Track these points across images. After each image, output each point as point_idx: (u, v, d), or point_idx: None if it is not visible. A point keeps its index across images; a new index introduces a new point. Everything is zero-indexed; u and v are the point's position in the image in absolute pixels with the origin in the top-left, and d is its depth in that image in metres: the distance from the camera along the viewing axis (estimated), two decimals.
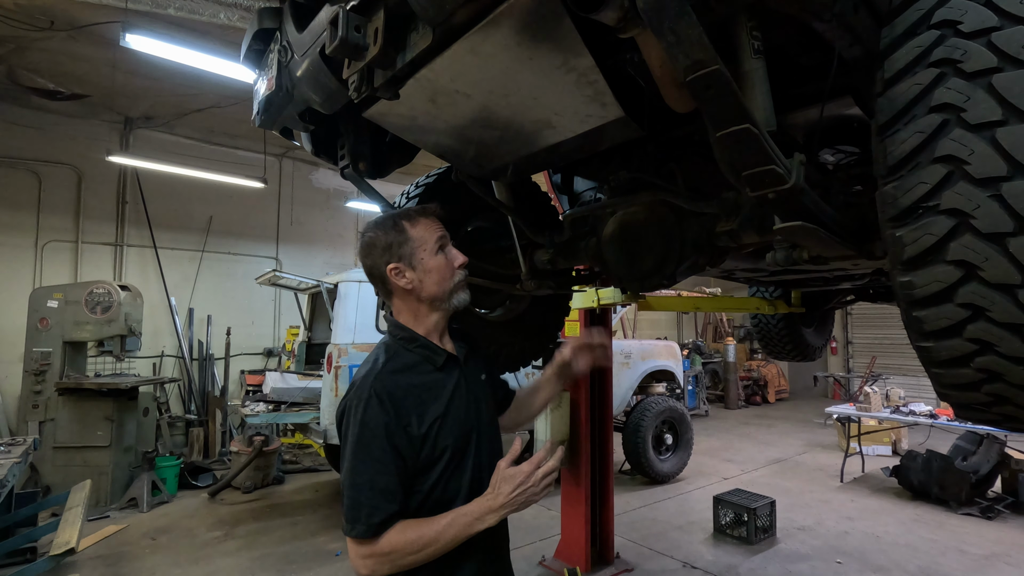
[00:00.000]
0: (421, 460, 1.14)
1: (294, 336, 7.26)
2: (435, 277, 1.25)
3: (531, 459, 1.18)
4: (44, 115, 6.58)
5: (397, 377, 1.18)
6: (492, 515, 1.12)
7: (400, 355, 1.23)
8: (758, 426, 9.55)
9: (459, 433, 1.19)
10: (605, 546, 4.07)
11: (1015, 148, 0.75)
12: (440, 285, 1.25)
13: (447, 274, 1.26)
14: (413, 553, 1.07)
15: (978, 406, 0.89)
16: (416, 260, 1.24)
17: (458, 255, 1.30)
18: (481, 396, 1.32)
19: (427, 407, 1.17)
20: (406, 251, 1.24)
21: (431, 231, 1.27)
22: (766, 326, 3.94)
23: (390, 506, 1.09)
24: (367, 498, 1.08)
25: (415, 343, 1.25)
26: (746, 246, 1.60)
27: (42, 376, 5.37)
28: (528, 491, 1.14)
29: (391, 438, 1.11)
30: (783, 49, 1.15)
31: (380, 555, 1.07)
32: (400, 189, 2.20)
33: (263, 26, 1.50)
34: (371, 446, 1.10)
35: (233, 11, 3.79)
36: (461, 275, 1.29)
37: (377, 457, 1.10)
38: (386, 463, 1.10)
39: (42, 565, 3.09)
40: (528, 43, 0.94)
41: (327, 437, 4.54)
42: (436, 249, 1.26)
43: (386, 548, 1.07)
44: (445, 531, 1.09)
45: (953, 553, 4.27)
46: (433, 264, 1.24)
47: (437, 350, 1.26)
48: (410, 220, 1.26)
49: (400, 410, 1.13)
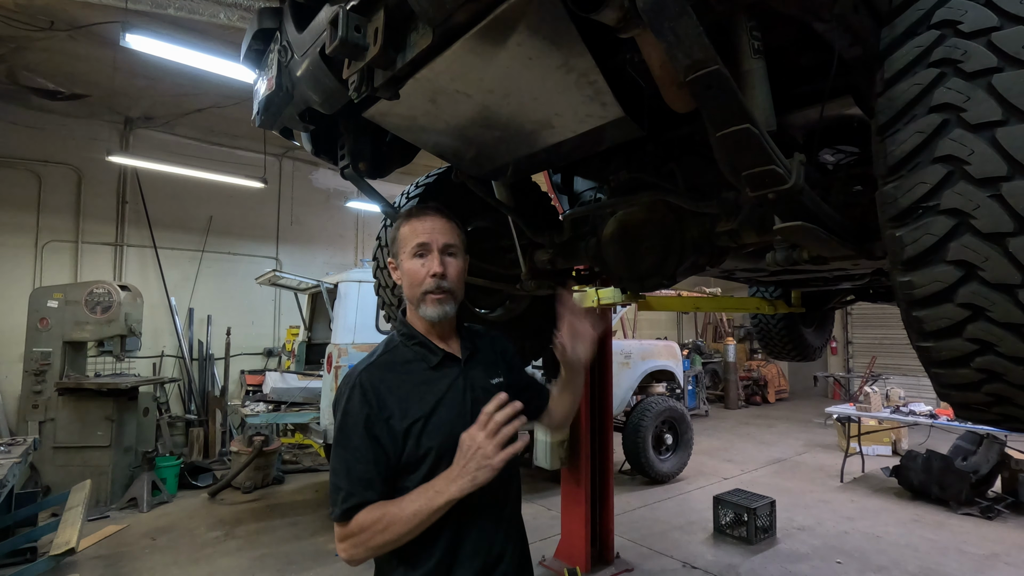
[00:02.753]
0: (405, 456, 1.15)
1: (294, 336, 7.26)
2: (407, 280, 1.26)
3: (478, 420, 1.11)
4: (44, 115, 6.58)
5: (386, 370, 1.21)
6: (451, 485, 1.07)
7: (398, 350, 1.26)
8: (758, 426, 9.55)
9: (447, 434, 1.16)
10: (605, 546, 4.07)
11: (1015, 148, 0.75)
12: (410, 289, 1.26)
13: (416, 279, 1.24)
14: (379, 532, 1.07)
15: (978, 406, 0.89)
16: (400, 259, 1.27)
17: (433, 264, 1.22)
18: (482, 398, 1.27)
19: (412, 404, 1.18)
20: (396, 248, 1.29)
21: (415, 234, 1.25)
22: (766, 326, 3.94)
23: (366, 493, 1.10)
24: (344, 483, 1.11)
25: (413, 340, 1.27)
26: (746, 246, 1.60)
27: (42, 376, 5.37)
28: (478, 453, 1.07)
29: (370, 428, 1.13)
30: (783, 49, 1.15)
31: (351, 536, 1.09)
32: (400, 189, 2.20)
33: (263, 26, 1.50)
34: (351, 435, 1.14)
35: (233, 11, 3.78)
36: (431, 284, 1.22)
37: (356, 445, 1.13)
38: (363, 452, 1.12)
39: (42, 565, 3.09)
40: (528, 43, 0.94)
41: (327, 437, 4.54)
42: (413, 253, 1.25)
43: (355, 528, 1.09)
44: (406, 506, 1.08)
45: (953, 553, 4.27)
46: (407, 266, 1.26)
47: (434, 349, 1.26)
48: (405, 218, 1.29)
49: (383, 402, 1.16)
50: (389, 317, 2.26)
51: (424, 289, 1.23)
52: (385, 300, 2.20)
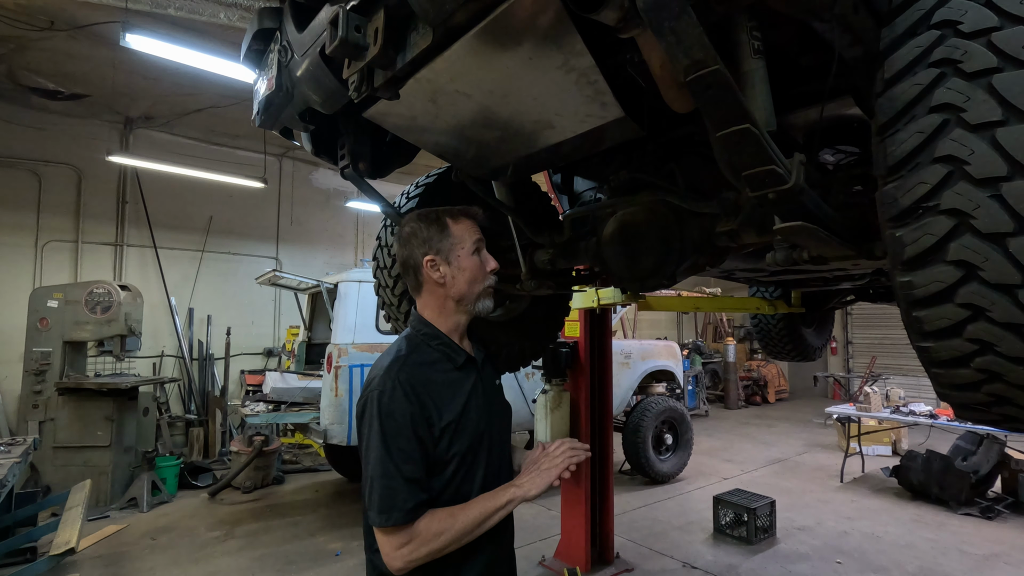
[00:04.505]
0: (437, 455, 1.15)
1: (294, 336, 7.27)
2: (467, 276, 1.27)
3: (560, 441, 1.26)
4: (44, 115, 6.58)
5: (421, 370, 1.20)
6: (518, 490, 1.17)
7: (421, 350, 1.25)
8: (758, 426, 9.55)
9: (473, 435, 1.20)
10: (605, 546, 4.07)
11: (1015, 148, 0.75)
12: (470, 285, 1.28)
13: (479, 275, 1.29)
14: (443, 533, 1.10)
15: (978, 406, 0.89)
16: (453, 256, 1.27)
17: (491, 260, 1.33)
18: (496, 401, 1.33)
19: (446, 405, 1.18)
20: (444, 246, 1.27)
21: (471, 232, 1.30)
22: (766, 326, 3.94)
23: (420, 494, 1.11)
24: (401, 485, 1.10)
25: (437, 340, 1.26)
26: (746, 246, 1.60)
27: (42, 376, 5.37)
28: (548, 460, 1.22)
29: (416, 428, 1.13)
30: (783, 49, 1.15)
31: (416, 540, 1.09)
32: (400, 189, 2.20)
33: (263, 26, 1.50)
34: (399, 436, 1.12)
35: (233, 11, 3.78)
36: (492, 280, 1.32)
37: (403, 447, 1.12)
38: (411, 452, 1.12)
39: (42, 565, 3.09)
40: (528, 43, 0.94)
41: (327, 437, 4.54)
42: (473, 250, 1.29)
43: (421, 531, 1.09)
44: (470, 508, 1.13)
45: (953, 553, 4.27)
46: (468, 263, 1.27)
47: (457, 349, 1.27)
48: (453, 217, 1.29)
49: (424, 402, 1.15)
50: (389, 317, 2.26)
51: (487, 284, 1.30)
52: (385, 300, 2.20)
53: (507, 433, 1.38)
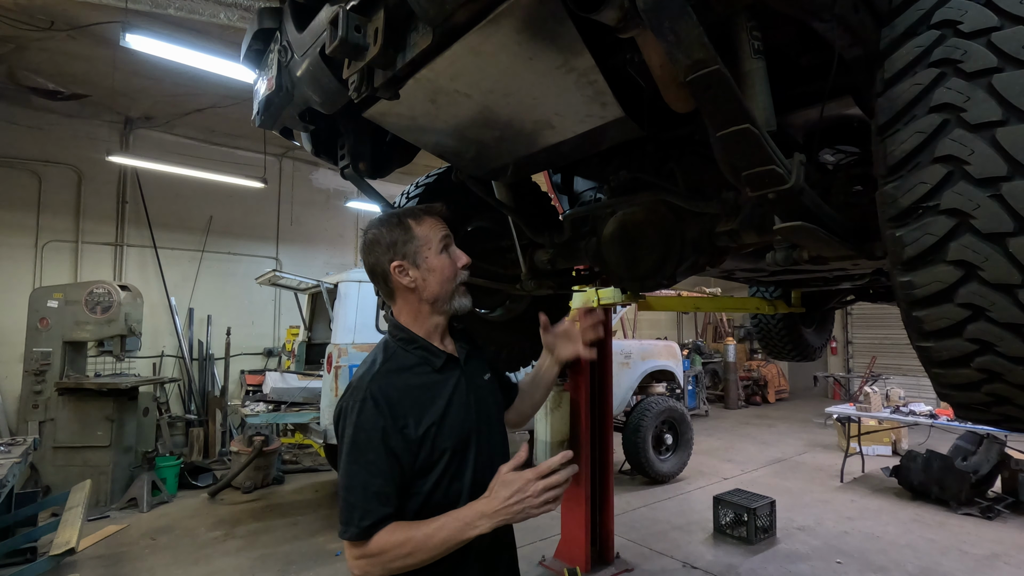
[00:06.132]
0: (419, 462, 1.13)
1: (294, 336, 7.26)
2: (438, 277, 1.23)
3: (536, 467, 1.10)
4: (44, 115, 6.58)
5: (394, 378, 1.17)
6: (485, 520, 1.06)
7: (398, 356, 1.22)
8: (758, 426, 9.54)
9: (459, 435, 1.18)
10: (605, 546, 4.07)
11: (1015, 148, 0.75)
12: (442, 285, 1.24)
13: (450, 274, 1.25)
14: (403, 557, 1.06)
15: (978, 406, 0.89)
16: (420, 259, 1.22)
17: (461, 255, 1.29)
18: (484, 396, 1.30)
19: (424, 409, 1.16)
20: (410, 249, 1.22)
21: (436, 230, 1.26)
22: (766, 326, 3.94)
23: (382, 509, 1.08)
24: (360, 500, 1.08)
25: (414, 344, 1.24)
26: (746, 246, 1.60)
27: (42, 376, 5.37)
28: (525, 501, 1.07)
29: (386, 441, 1.10)
30: (783, 49, 1.15)
31: (370, 556, 1.07)
32: (400, 189, 2.20)
33: (263, 26, 1.50)
34: (365, 449, 1.09)
35: (233, 11, 3.78)
36: (464, 276, 1.28)
37: (371, 460, 1.09)
38: (380, 466, 1.09)
39: (42, 565, 3.09)
40: (528, 43, 0.94)
41: (327, 437, 4.55)
42: (440, 248, 1.25)
43: (375, 549, 1.06)
44: (435, 534, 1.06)
45: (953, 553, 4.27)
46: (437, 263, 1.23)
47: (436, 352, 1.24)
48: (415, 218, 1.25)
49: (396, 412, 1.12)
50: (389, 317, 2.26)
51: (459, 280, 1.27)
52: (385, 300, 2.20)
53: (500, 424, 1.35)
